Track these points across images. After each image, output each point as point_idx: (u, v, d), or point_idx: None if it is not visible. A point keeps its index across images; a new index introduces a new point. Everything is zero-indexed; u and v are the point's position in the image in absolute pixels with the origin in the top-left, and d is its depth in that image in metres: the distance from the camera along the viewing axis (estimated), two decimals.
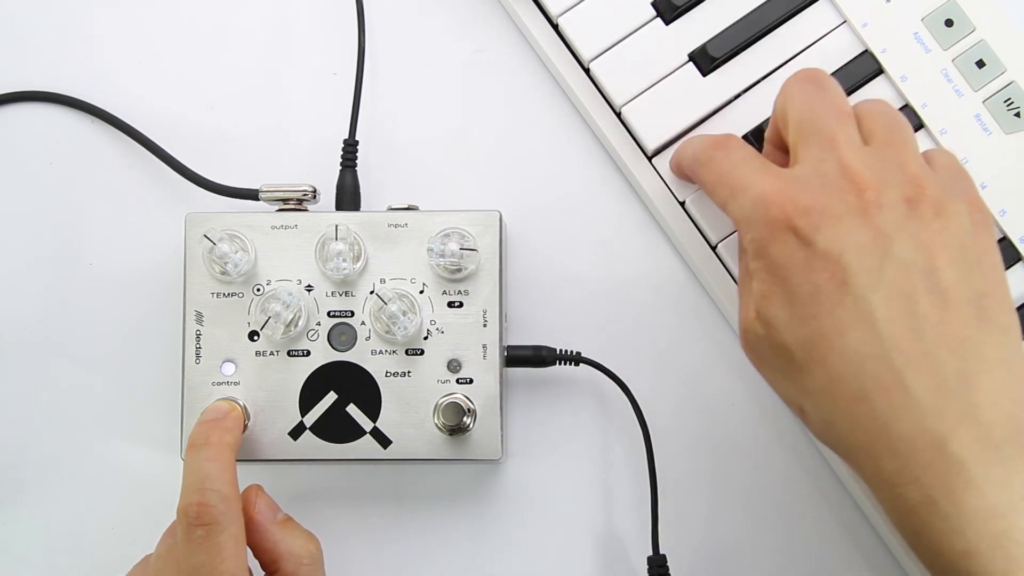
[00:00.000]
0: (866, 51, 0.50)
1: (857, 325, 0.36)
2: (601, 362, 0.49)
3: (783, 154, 0.43)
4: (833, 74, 0.50)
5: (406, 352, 0.47)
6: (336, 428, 0.47)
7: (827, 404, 0.37)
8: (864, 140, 0.40)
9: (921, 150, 0.40)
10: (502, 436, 0.47)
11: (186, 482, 0.42)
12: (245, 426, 0.47)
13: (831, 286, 0.36)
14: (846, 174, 0.38)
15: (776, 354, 0.38)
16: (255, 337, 0.47)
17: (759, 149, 0.50)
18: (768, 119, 0.49)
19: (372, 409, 0.47)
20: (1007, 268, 0.49)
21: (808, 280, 0.37)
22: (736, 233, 0.49)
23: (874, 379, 0.35)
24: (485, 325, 0.47)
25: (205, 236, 0.46)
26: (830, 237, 0.37)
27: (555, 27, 0.52)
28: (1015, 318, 0.38)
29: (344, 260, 0.47)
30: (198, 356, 0.47)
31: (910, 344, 0.35)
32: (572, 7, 0.51)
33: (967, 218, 0.38)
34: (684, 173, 0.47)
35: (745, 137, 0.50)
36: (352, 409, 0.47)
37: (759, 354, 0.40)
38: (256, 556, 0.44)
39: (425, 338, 0.47)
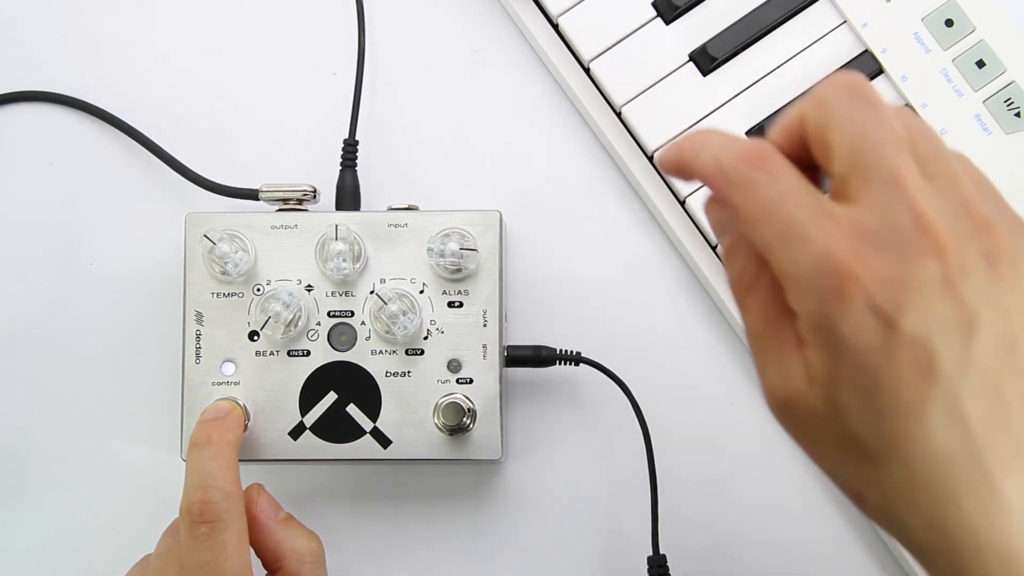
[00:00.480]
0: (866, 51, 0.50)
1: (945, 421, 0.31)
2: (601, 362, 0.49)
3: (808, 172, 0.36)
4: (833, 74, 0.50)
5: (406, 352, 0.47)
6: (336, 428, 0.47)
7: (902, 503, 0.32)
8: (922, 173, 0.34)
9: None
10: (502, 436, 0.47)
11: (188, 480, 0.42)
12: (245, 426, 0.47)
13: (917, 376, 0.31)
14: (922, 228, 0.32)
15: (838, 441, 0.33)
16: (255, 337, 0.47)
17: None
18: (770, 118, 0.49)
19: (372, 409, 0.47)
20: None
21: (890, 369, 0.31)
22: None
23: (963, 482, 0.31)
24: (485, 325, 0.47)
25: (205, 236, 0.46)
26: (915, 318, 0.31)
27: (555, 27, 0.52)
28: None
29: (344, 260, 0.47)
30: (198, 356, 0.47)
31: (1001, 440, 0.31)
32: (572, 7, 0.51)
33: None
34: (688, 174, 0.37)
35: (748, 134, 0.50)
36: (352, 409, 0.47)
37: (808, 431, 0.34)
38: (258, 555, 0.44)
39: (425, 338, 0.47)
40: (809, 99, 0.34)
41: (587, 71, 0.52)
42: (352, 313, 0.47)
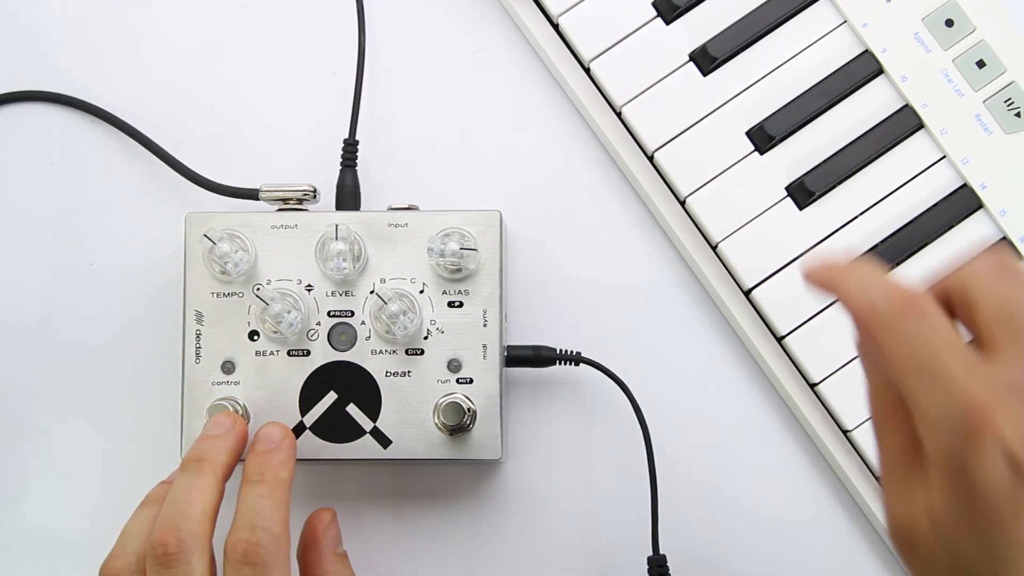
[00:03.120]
0: (866, 51, 0.50)
1: None
2: (601, 362, 0.49)
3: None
4: (833, 74, 0.50)
5: (406, 352, 0.47)
6: (336, 428, 0.47)
7: None
8: None
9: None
10: (502, 436, 0.47)
11: (237, 516, 0.41)
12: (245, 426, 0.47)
13: None
14: None
15: (951, 573, 0.35)
16: (255, 337, 0.47)
17: (761, 150, 0.50)
18: (770, 118, 0.49)
19: (372, 409, 0.47)
20: None
21: (1015, 518, 0.33)
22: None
23: None
24: (485, 325, 0.47)
25: (205, 236, 0.46)
26: None
27: (555, 27, 0.52)
28: None
29: (344, 260, 0.47)
30: (198, 356, 0.47)
31: None
32: (572, 7, 0.51)
33: None
34: (832, 294, 0.38)
35: (747, 134, 0.50)
36: (352, 409, 0.47)
37: (921, 562, 0.36)
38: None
39: (425, 338, 0.47)
40: (960, 268, 0.36)
41: (587, 71, 0.52)
42: (352, 313, 0.47)
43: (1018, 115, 0.50)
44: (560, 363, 0.49)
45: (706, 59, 0.50)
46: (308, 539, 0.44)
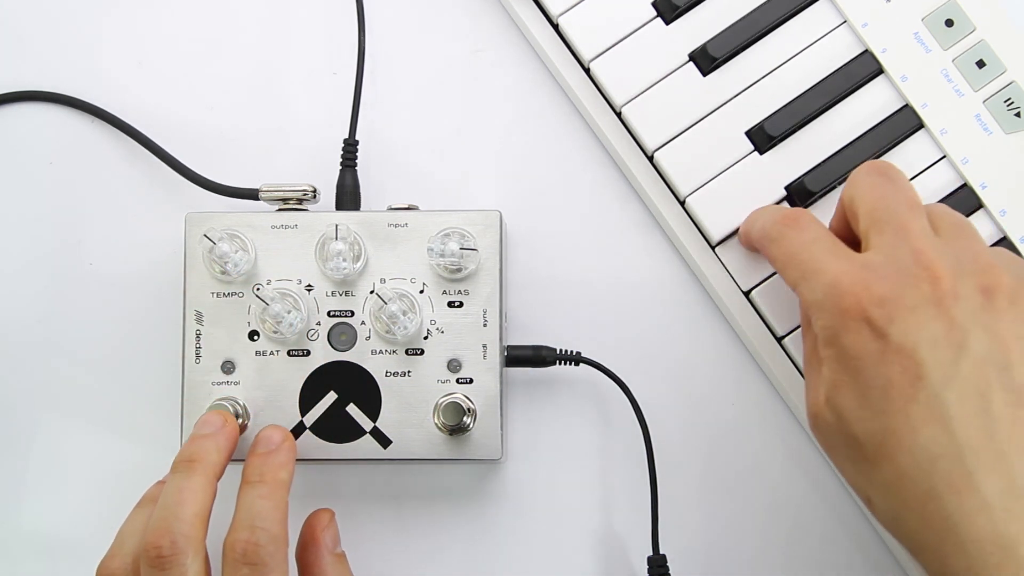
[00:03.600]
0: (866, 51, 0.50)
1: (929, 423, 0.35)
2: (601, 362, 0.49)
3: (849, 245, 0.42)
4: (833, 74, 0.50)
5: (406, 352, 0.47)
6: (336, 428, 0.47)
7: (895, 499, 0.36)
8: (934, 231, 0.40)
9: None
10: (502, 436, 0.47)
11: (236, 517, 0.41)
12: (245, 426, 0.47)
13: (904, 381, 0.36)
14: (920, 262, 0.37)
15: (845, 444, 0.38)
16: (255, 337, 0.47)
17: (761, 150, 0.50)
18: (770, 118, 0.49)
19: (372, 409, 0.47)
20: None
21: (881, 373, 0.36)
22: (773, 276, 0.49)
23: (945, 479, 0.34)
24: (485, 325, 0.47)
25: (205, 236, 0.46)
26: (904, 329, 0.36)
27: (555, 27, 0.52)
28: None
29: (344, 260, 0.47)
30: (198, 356, 0.47)
31: (983, 444, 0.34)
32: (572, 7, 0.51)
33: None
34: (752, 245, 0.46)
35: (747, 134, 0.50)
36: (352, 409, 0.47)
37: (828, 440, 0.39)
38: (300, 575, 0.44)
39: (425, 338, 0.47)
40: (847, 181, 0.42)
41: (587, 71, 0.52)
42: (352, 313, 0.47)
43: (1018, 115, 0.50)
44: (560, 363, 0.49)
45: (706, 59, 0.50)
46: (307, 539, 0.45)
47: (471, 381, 0.47)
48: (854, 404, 0.37)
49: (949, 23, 0.50)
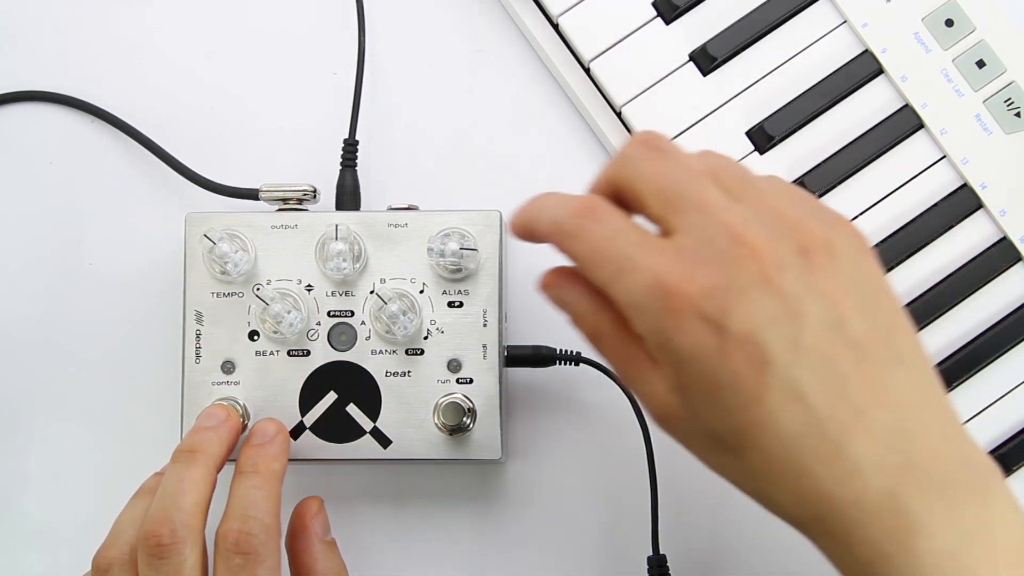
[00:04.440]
0: (866, 51, 0.50)
1: (786, 405, 0.34)
2: (601, 362, 0.49)
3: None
4: (833, 74, 0.50)
5: (406, 352, 0.47)
6: (336, 428, 0.47)
7: (767, 483, 0.36)
8: (725, 195, 0.37)
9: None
10: (502, 436, 0.47)
11: (229, 506, 0.41)
12: (245, 426, 0.47)
13: (751, 370, 0.34)
14: (734, 238, 0.35)
15: (704, 439, 0.36)
16: (255, 337, 0.47)
17: (761, 150, 0.50)
18: (770, 118, 0.49)
19: (372, 409, 0.47)
20: (1008, 268, 0.49)
21: (726, 368, 0.34)
22: None
23: (813, 453, 0.34)
24: (485, 325, 0.47)
25: (205, 236, 0.46)
26: (740, 316, 0.34)
27: (555, 27, 0.52)
28: (920, 345, 0.36)
29: (344, 260, 0.47)
30: (198, 356, 0.47)
31: (841, 409, 0.34)
32: (572, 7, 0.51)
33: (852, 248, 0.36)
34: (534, 237, 0.40)
35: (747, 134, 0.50)
36: (352, 409, 0.47)
37: (683, 437, 0.37)
38: (291, 566, 0.44)
39: (425, 338, 0.47)
40: (613, 160, 0.38)
41: (587, 71, 0.52)
42: (352, 313, 0.47)
43: (1018, 115, 0.50)
44: (560, 363, 0.49)
45: (706, 59, 0.50)
46: (296, 527, 0.45)
47: (471, 381, 0.47)
48: (707, 404, 0.35)
49: (949, 23, 0.50)
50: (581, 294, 0.38)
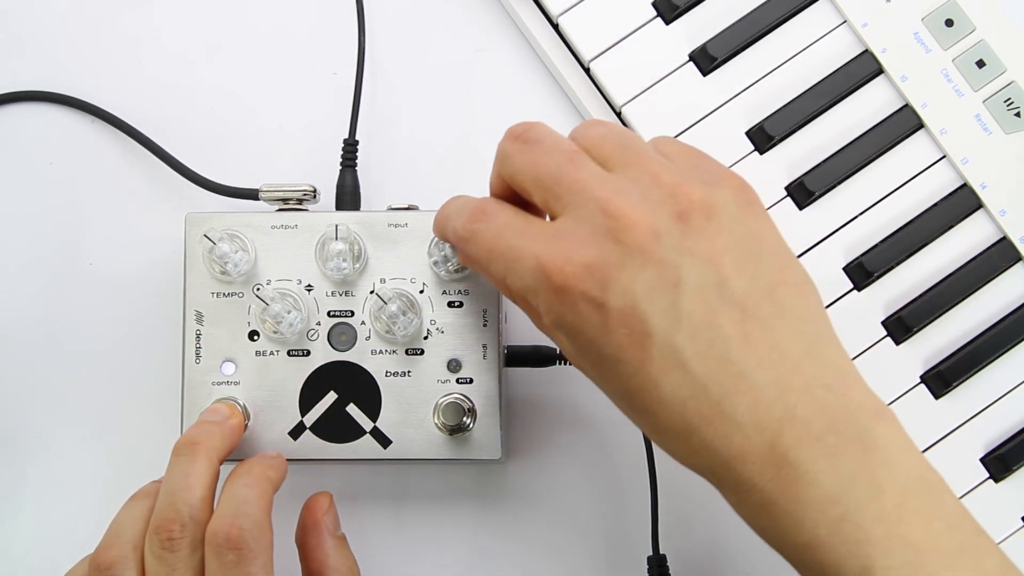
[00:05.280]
0: (866, 51, 0.50)
1: (669, 372, 0.35)
2: None
3: (525, 205, 0.41)
4: (833, 74, 0.50)
5: (406, 352, 0.47)
6: (336, 428, 0.47)
7: (665, 439, 0.37)
8: (604, 168, 0.38)
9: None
10: (502, 436, 0.47)
11: (221, 504, 0.41)
12: (245, 426, 0.47)
13: (633, 343, 0.35)
14: (609, 213, 0.35)
15: (611, 396, 0.38)
16: (255, 337, 0.47)
17: (761, 150, 0.50)
18: (770, 118, 0.49)
19: (372, 409, 0.47)
20: (1007, 268, 0.49)
21: (610, 342, 0.35)
22: None
23: (697, 415, 0.35)
24: (485, 325, 0.47)
25: (205, 236, 0.46)
26: (619, 291, 0.35)
27: (555, 27, 0.52)
28: (807, 293, 0.37)
29: (344, 260, 0.47)
30: (198, 356, 0.47)
31: (722, 372, 0.35)
32: (572, 7, 0.51)
33: (734, 205, 0.37)
34: (448, 242, 0.44)
35: (747, 134, 0.50)
36: (352, 409, 0.47)
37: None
38: (303, 561, 0.44)
39: (425, 338, 0.47)
40: (496, 159, 0.40)
41: (587, 71, 0.52)
42: (352, 313, 0.47)
43: (1018, 115, 0.50)
44: (560, 363, 0.49)
45: (706, 59, 0.50)
46: (307, 523, 0.45)
47: (471, 381, 0.47)
48: (596, 373, 0.37)
49: (949, 23, 0.50)
50: None
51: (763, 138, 0.50)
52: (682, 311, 0.35)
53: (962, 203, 0.49)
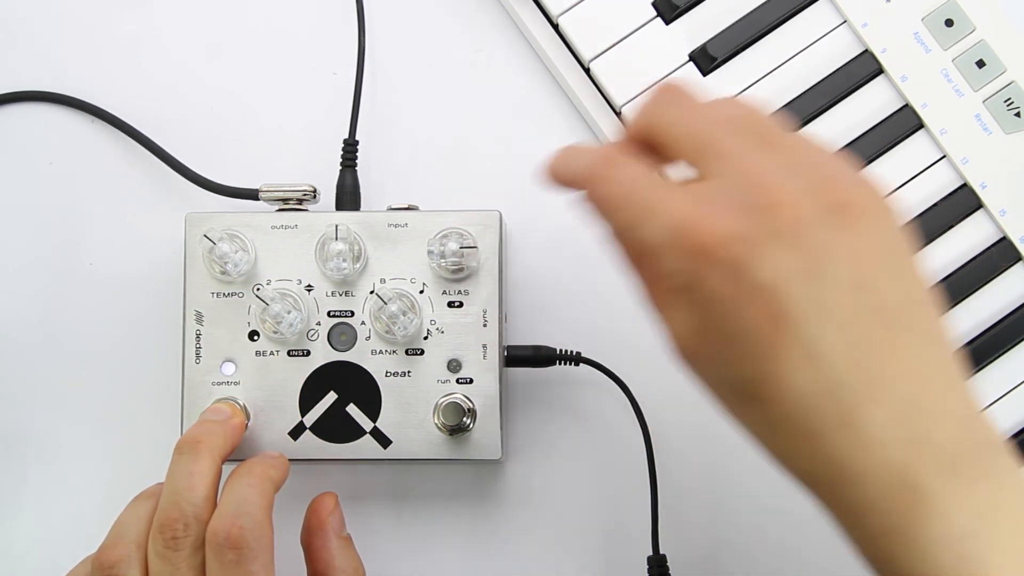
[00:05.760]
0: (866, 51, 0.50)
1: (801, 363, 0.33)
2: (601, 362, 0.49)
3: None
4: (833, 74, 0.50)
5: (406, 352, 0.47)
6: (336, 428, 0.47)
7: (780, 439, 0.35)
8: (763, 145, 0.36)
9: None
10: (502, 436, 0.47)
11: (221, 504, 0.41)
12: (245, 426, 0.47)
13: (767, 324, 0.33)
14: (760, 188, 0.34)
15: (719, 385, 0.36)
16: (255, 337, 0.47)
17: None
18: None
19: (372, 409, 0.47)
20: (1007, 268, 0.49)
21: (742, 318, 0.33)
22: None
23: (827, 416, 0.33)
24: (485, 325, 0.47)
25: (205, 236, 0.46)
26: (760, 267, 0.33)
27: (555, 27, 0.52)
28: (943, 323, 0.35)
29: (344, 260, 0.47)
30: (198, 356, 0.47)
31: (859, 376, 0.33)
32: (572, 7, 0.51)
33: (884, 211, 0.35)
34: (566, 181, 0.40)
35: None
36: (352, 409, 0.47)
37: (700, 381, 0.37)
38: (308, 562, 0.44)
39: (425, 338, 0.47)
40: (643, 106, 0.38)
41: (587, 71, 0.52)
42: (352, 313, 0.47)
43: (1018, 115, 0.50)
44: (560, 363, 0.49)
45: (706, 59, 0.50)
46: (312, 524, 0.45)
47: (471, 381, 0.47)
48: (722, 350, 0.34)
49: (949, 23, 0.50)
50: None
51: None
52: (825, 303, 0.33)
53: (962, 203, 0.49)
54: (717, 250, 0.33)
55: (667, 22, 0.51)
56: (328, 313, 0.47)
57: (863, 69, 0.50)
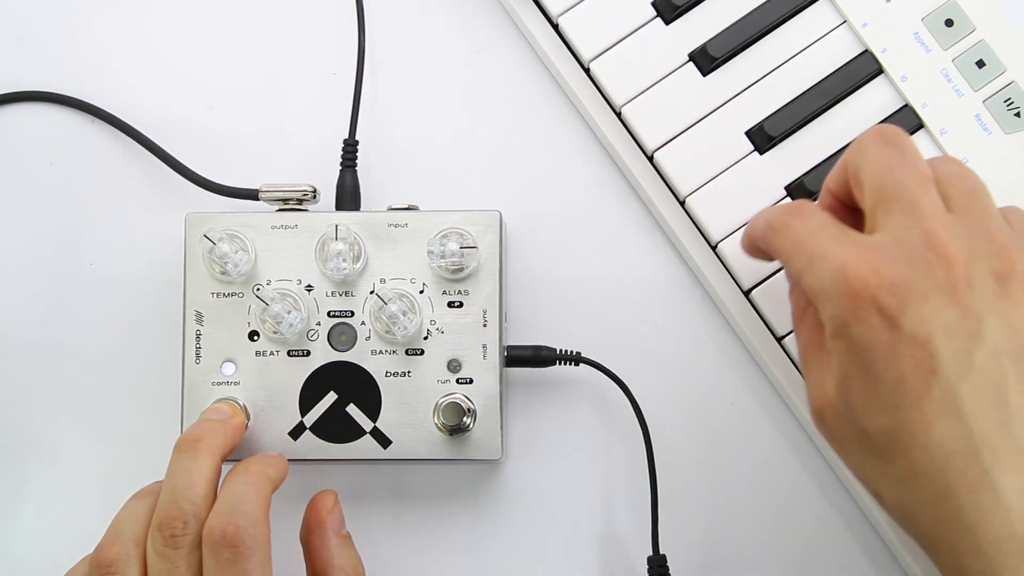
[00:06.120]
0: (866, 51, 0.50)
1: (944, 417, 0.33)
2: (601, 362, 0.49)
3: (848, 211, 0.41)
4: (833, 74, 0.50)
5: (406, 352, 0.47)
6: (336, 428, 0.47)
7: (908, 496, 0.35)
8: (945, 205, 0.37)
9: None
10: (502, 436, 0.47)
11: (218, 502, 0.41)
12: (245, 426, 0.47)
13: (917, 374, 0.34)
14: (932, 246, 0.35)
15: (855, 438, 0.36)
16: (255, 337, 0.47)
17: (761, 150, 0.50)
18: (770, 118, 0.49)
19: (372, 409, 0.47)
20: None
21: (893, 365, 0.34)
22: (780, 274, 0.48)
23: (960, 476, 0.33)
24: (485, 325, 0.47)
25: (205, 236, 0.46)
26: (917, 318, 0.34)
27: (555, 27, 0.52)
28: None
29: (344, 260, 0.47)
30: (198, 356, 0.47)
31: (1000, 440, 0.33)
32: (572, 7, 0.51)
33: None
34: (755, 247, 0.43)
35: (747, 134, 0.50)
36: (352, 409, 0.47)
37: (836, 436, 0.37)
38: (308, 560, 0.44)
39: (425, 338, 0.47)
40: (850, 147, 0.39)
41: (587, 71, 0.52)
42: (352, 313, 0.47)
43: (1018, 115, 0.50)
44: (560, 363, 0.49)
45: (706, 59, 0.50)
46: (312, 522, 0.45)
47: (471, 381, 0.47)
48: (865, 398, 0.35)
49: (949, 23, 0.50)
50: None
51: (763, 138, 0.50)
52: (973, 363, 0.34)
53: None
54: (877, 295, 0.34)
55: (667, 22, 0.51)
56: (328, 313, 0.47)
57: (863, 69, 0.50)
